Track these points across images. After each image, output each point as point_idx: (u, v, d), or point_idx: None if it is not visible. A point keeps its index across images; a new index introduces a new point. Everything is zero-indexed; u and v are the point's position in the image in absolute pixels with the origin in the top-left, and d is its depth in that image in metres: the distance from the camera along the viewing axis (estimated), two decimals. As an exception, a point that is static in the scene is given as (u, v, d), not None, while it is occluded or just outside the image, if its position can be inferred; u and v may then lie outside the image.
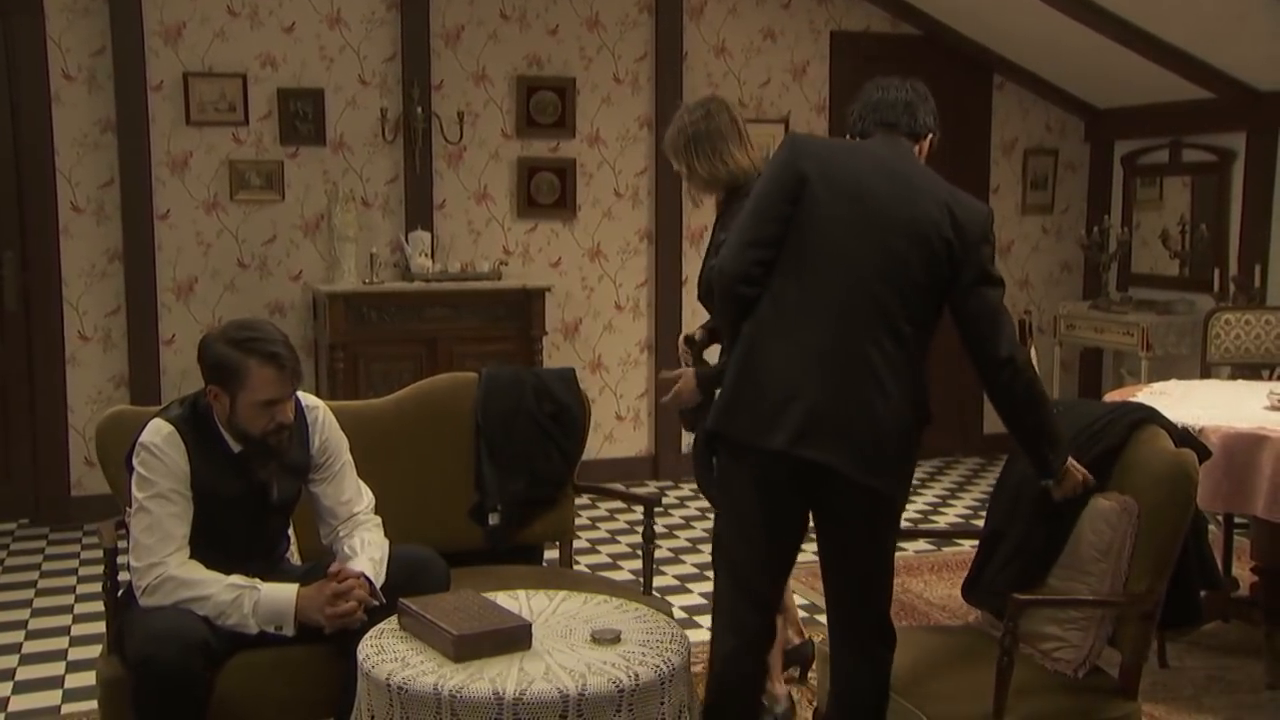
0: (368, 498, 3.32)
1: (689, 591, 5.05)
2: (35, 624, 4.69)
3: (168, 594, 2.90)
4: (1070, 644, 3.03)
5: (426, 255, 6.10)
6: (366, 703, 2.60)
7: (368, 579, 3.05)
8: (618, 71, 6.70)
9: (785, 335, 2.75)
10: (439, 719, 2.45)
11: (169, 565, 2.92)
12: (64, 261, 5.90)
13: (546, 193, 6.61)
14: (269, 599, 2.94)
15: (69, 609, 4.82)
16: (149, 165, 5.93)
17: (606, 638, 2.69)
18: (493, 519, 3.81)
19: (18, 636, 4.57)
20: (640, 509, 6.29)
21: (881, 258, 2.77)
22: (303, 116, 6.13)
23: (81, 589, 5.05)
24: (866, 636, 2.90)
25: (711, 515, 5.19)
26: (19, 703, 3.98)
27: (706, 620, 4.63)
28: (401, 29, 6.24)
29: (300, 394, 3.24)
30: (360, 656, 2.65)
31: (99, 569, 4.00)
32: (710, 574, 3.12)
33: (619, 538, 5.81)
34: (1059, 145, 7.65)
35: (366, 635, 2.77)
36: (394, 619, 2.83)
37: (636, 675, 2.53)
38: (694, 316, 6.91)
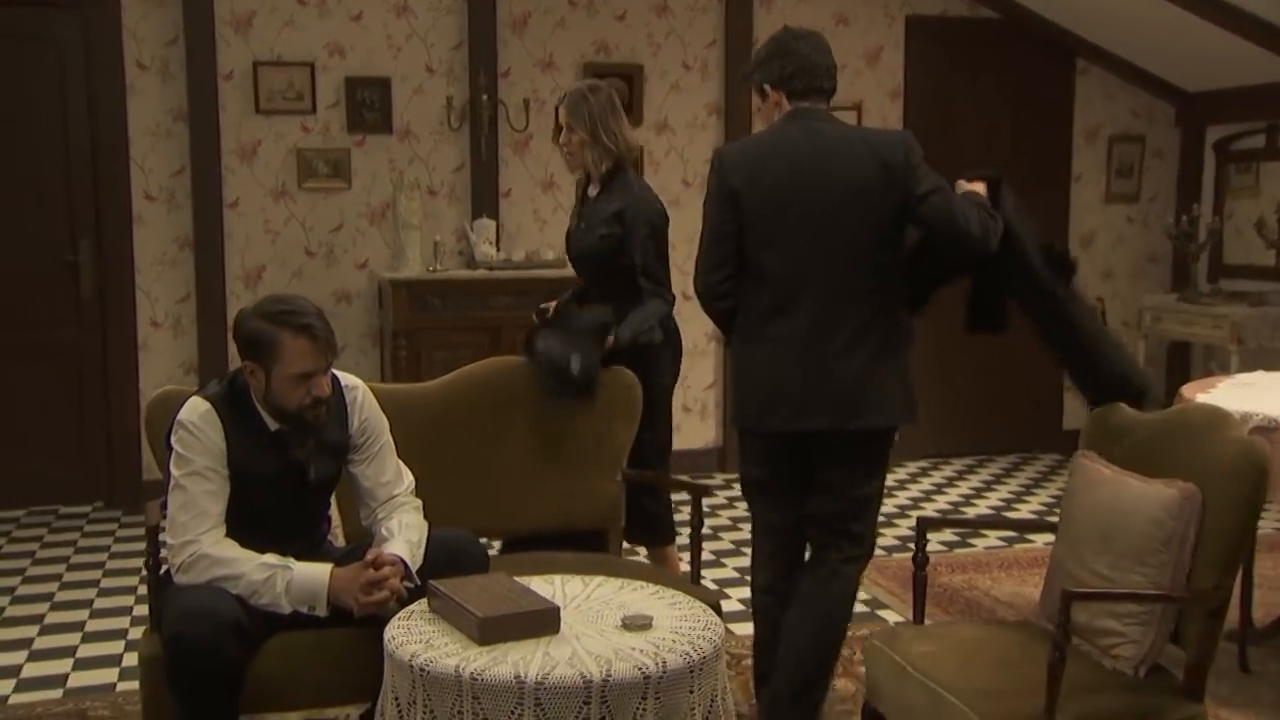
0: (408, 480, 3.29)
1: (747, 582, 4.94)
2: (100, 603, 4.76)
3: (201, 572, 2.89)
4: (1129, 640, 2.88)
5: (491, 243, 6.08)
6: (391, 684, 2.56)
7: (403, 562, 3.02)
8: (686, 58, 6.62)
9: (762, 339, 3.29)
10: (460, 701, 2.40)
11: (203, 543, 2.91)
12: (136, 249, 5.99)
13: (614, 181, 6.54)
14: (302, 579, 2.92)
15: (132, 589, 4.88)
16: (219, 154, 5.99)
17: (637, 624, 2.62)
18: (574, 364, 3.76)
19: (82, 615, 4.63)
20: (708, 501, 6.23)
21: (831, 236, 3.19)
22: (370, 105, 6.15)
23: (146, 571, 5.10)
24: (846, 548, 3.35)
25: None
26: (77, 679, 4.04)
27: None
28: (468, 17, 6.23)
29: (339, 374, 3.22)
30: (386, 637, 2.61)
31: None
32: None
33: (682, 530, 5.72)
34: (1146, 131, 7.40)
35: (395, 617, 2.73)
36: (424, 601, 2.79)
37: (664, 662, 2.45)
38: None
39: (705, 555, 5.33)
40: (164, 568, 3.17)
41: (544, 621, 2.58)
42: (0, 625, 4.53)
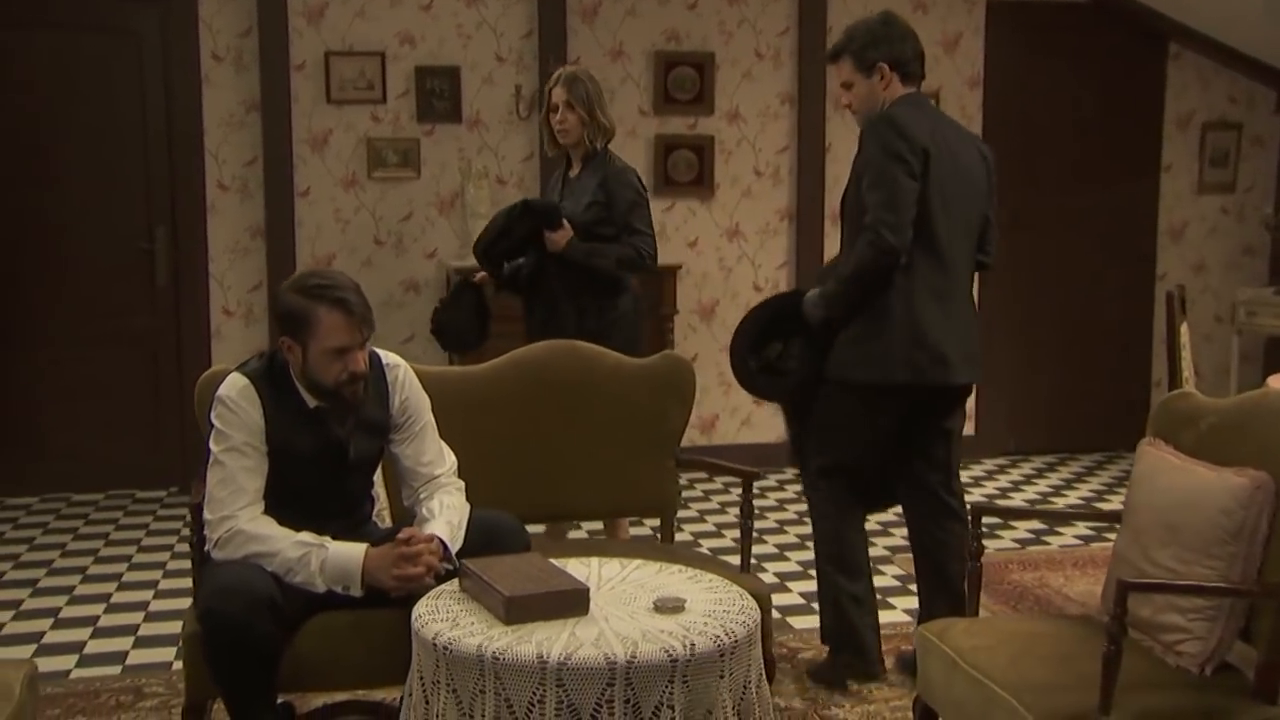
0: (450, 460, 3.25)
1: (810, 578, 4.83)
2: (165, 584, 4.82)
3: (237, 548, 2.88)
4: (1195, 636, 2.73)
5: (559, 233, 6.02)
6: (417, 663, 2.52)
7: (442, 542, 2.97)
8: (759, 46, 6.52)
9: (932, 299, 3.52)
10: (482, 681, 2.35)
11: (239, 519, 2.90)
12: (210, 238, 6.06)
13: (684, 170, 6.48)
14: (336, 558, 2.89)
15: (197, 572, 4.92)
16: (290, 143, 6.04)
17: (669, 606, 2.54)
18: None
19: (147, 595, 4.69)
20: (776, 495, 6.13)
21: (968, 212, 3.60)
22: (439, 94, 6.15)
23: (190, 548, 5.16)
24: (957, 486, 3.79)
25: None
26: (136, 656, 4.07)
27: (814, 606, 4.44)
28: (538, 5, 6.20)
29: (381, 352, 3.20)
30: (413, 616, 2.57)
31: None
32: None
33: (717, 519, 5.61)
34: (1244, 118, 7.11)
35: (425, 596, 2.69)
36: (457, 581, 2.74)
37: (693, 645, 2.37)
38: (837, 299, 6.68)
39: (768, 548, 5.23)
40: (206, 545, 3.17)
41: (572, 602, 2.52)
42: (69, 603, 4.59)
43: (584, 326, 4.28)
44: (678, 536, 5.22)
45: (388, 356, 3.20)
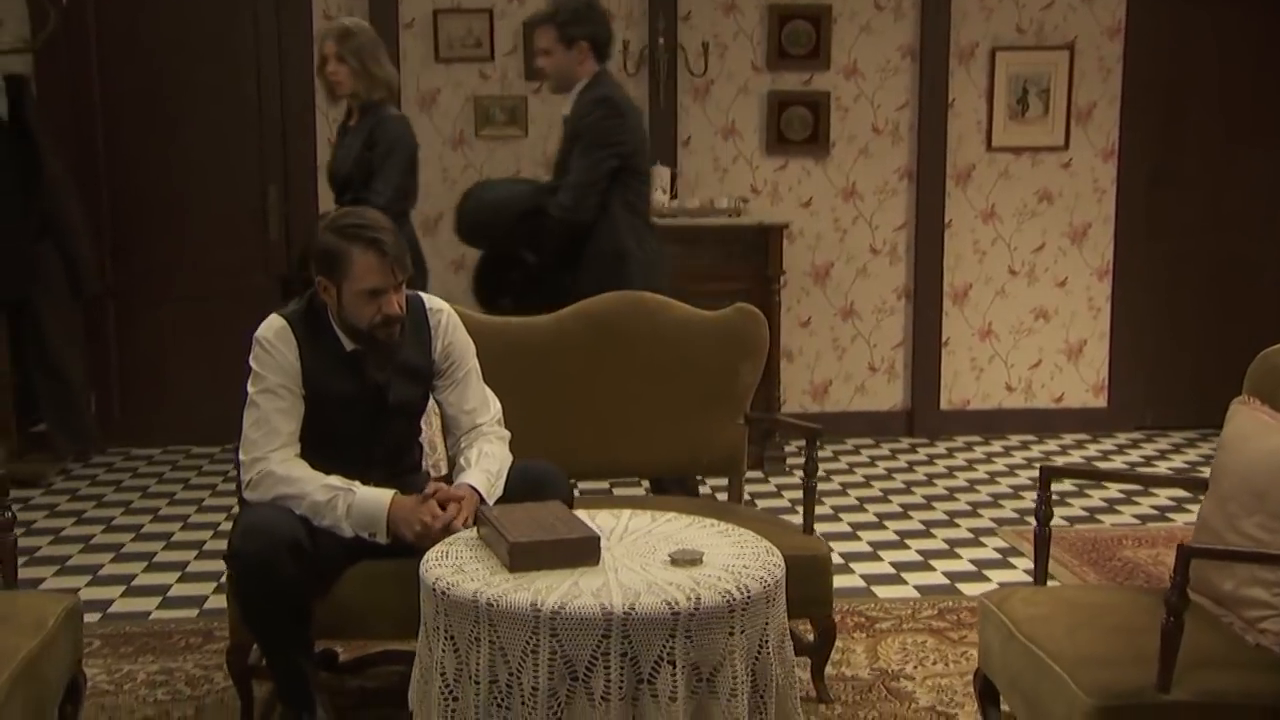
0: (494, 409, 3.17)
1: (905, 548, 4.62)
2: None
3: (267, 489, 2.86)
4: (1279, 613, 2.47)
5: (665, 191, 5.90)
6: (423, 609, 2.44)
7: (477, 492, 2.90)
8: (878, -3, 6.25)
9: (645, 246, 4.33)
10: (477, 628, 2.26)
11: (271, 461, 2.87)
12: (320, 197, 6.10)
13: (798, 128, 6.26)
14: (363, 503, 2.84)
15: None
16: (399, 102, 6.02)
17: (685, 559, 2.41)
18: None
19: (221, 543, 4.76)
20: (886, 464, 5.91)
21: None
22: (547, 51, 6.07)
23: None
24: None
25: (961, 474, 4.90)
26: (215, 602, 4.12)
27: (876, 569, 4.25)
28: (649, -41, 6.07)
29: (425, 296, 3.14)
30: (423, 561, 2.49)
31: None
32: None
33: (850, 490, 5.43)
34: None
35: (441, 542, 2.61)
36: (476, 528, 2.66)
37: (698, 599, 2.24)
38: (958, 262, 6.40)
39: (867, 516, 5.03)
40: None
41: (582, 551, 2.41)
42: (166, 548, 4.70)
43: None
44: (768, 503, 5.09)
45: (431, 301, 3.14)
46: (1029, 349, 6.53)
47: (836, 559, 4.44)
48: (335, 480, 2.86)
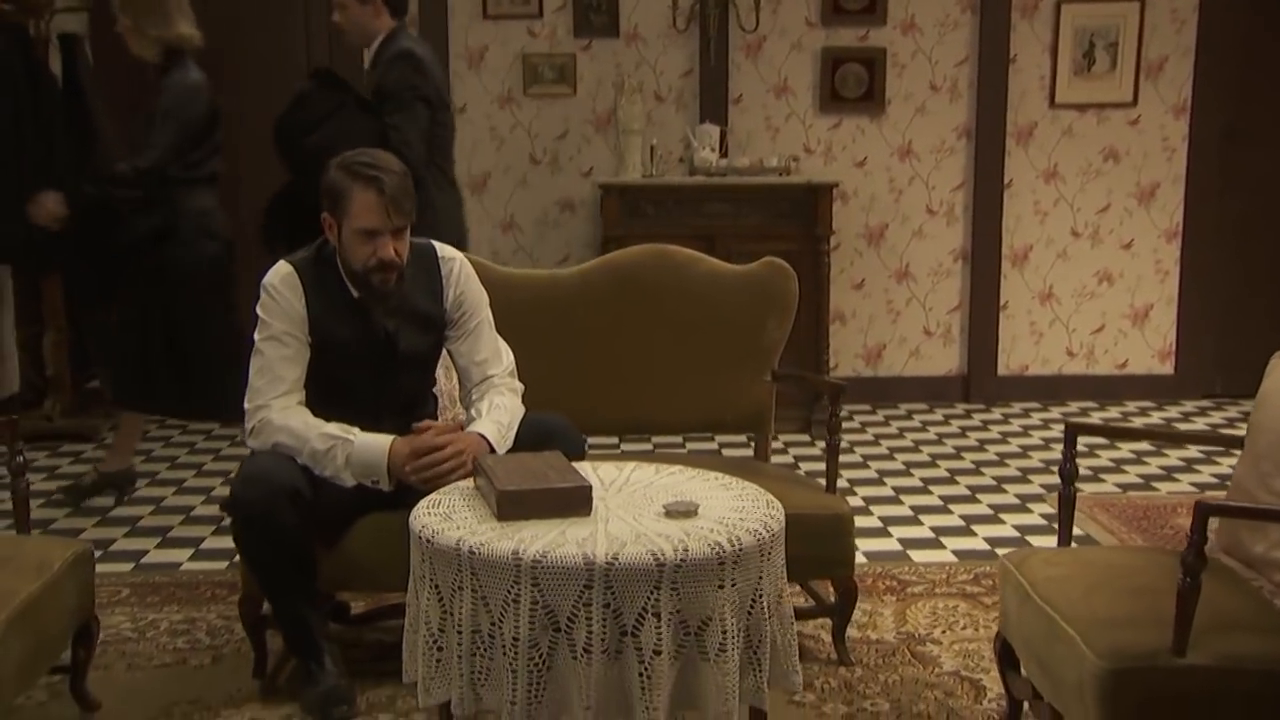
0: (506, 361, 3.11)
1: (948, 513, 4.50)
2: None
3: (268, 438, 2.83)
4: (1310, 578, 2.33)
5: (714, 149, 5.79)
6: (411, 557, 2.40)
7: (487, 441, 2.85)
8: (937, -52, 6.07)
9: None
10: (460, 576, 2.21)
11: (272, 408, 2.85)
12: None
13: (852, 86, 6.11)
14: (362, 450, 2.80)
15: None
16: (447, 60, 5.99)
17: (679, 510, 2.34)
18: None
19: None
20: (937, 429, 5.78)
21: None
22: (596, 8, 5.99)
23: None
24: None
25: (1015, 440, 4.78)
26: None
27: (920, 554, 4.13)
28: (699, -88, 5.94)
29: (438, 244, 3.09)
30: (414, 510, 2.45)
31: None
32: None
33: (897, 455, 5.30)
34: None
35: (436, 491, 2.57)
36: (473, 478, 2.61)
37: (685, 549, 2.16)
38: (1018, 223, 6.22)
39: (913, 481, 4.91)
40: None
41: (572, 501, 2.34)
42: (205, 502, 4.71)
43: None
44: (811, 466, 4.99)
45: (443, 249, 3.09)
46: (1092, 313, 6.32)
47: (874, 523, 4.35)
48: (333, 428, 2.83)
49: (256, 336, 2.91)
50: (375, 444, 2.81)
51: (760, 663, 2.28)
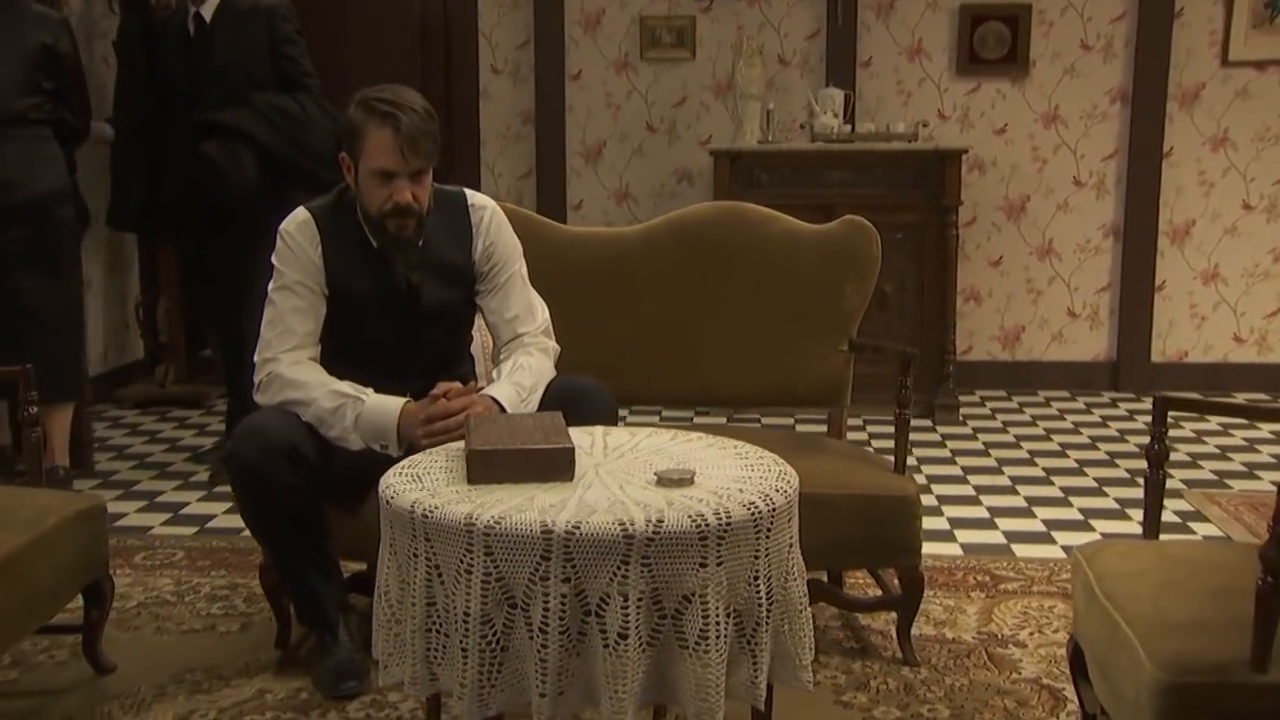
0: (541, 318, 2.88)
1: (1069, 504, 4.07)
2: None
3: (275, 393, 2.67)
4: None
5: (836, 114, 5.44)
6: (381, 522, 2.18)
7: (499, 404, 2.63)
8: (1089, -105, 5.56)
9: None
10: (414, 542, 1.99)
11: (281, 362, 2.68)
12: (482, 124, 5.97)
13: (993, 46, 5.66)
14: (371, 412, 2.60)
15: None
16: (562, 24, 5.81)
17: (672, 478, 2.06)
18: None
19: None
20: (1075, 418, 5.31)
21: None
22: (710, -34, 5.71)
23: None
24: None
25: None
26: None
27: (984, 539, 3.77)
28: None
29: (469, 191, 2.89)
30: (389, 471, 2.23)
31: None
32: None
33: (1023, 443, 4.86)
34: None
35: (419, 453, 2.35)
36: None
37: (659, 522, 1.88)
38: (1179, 196, 5.67)
39: (1035, 471, 4.48)
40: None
41: (551, 464, 2.09)
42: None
43: None
44: (925, 452, 4.63)
45: (475, 197, 2.88)
46: (1265, 296, 5.72)
47: (981, 513, 3.97)
48: (345, 386, 2.64)
49: (270, 286, 2.75)
50: (386, 406, 2.61)
51: (756, 655, 1.98)
